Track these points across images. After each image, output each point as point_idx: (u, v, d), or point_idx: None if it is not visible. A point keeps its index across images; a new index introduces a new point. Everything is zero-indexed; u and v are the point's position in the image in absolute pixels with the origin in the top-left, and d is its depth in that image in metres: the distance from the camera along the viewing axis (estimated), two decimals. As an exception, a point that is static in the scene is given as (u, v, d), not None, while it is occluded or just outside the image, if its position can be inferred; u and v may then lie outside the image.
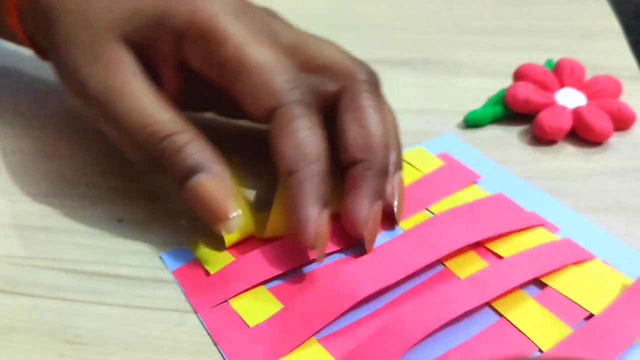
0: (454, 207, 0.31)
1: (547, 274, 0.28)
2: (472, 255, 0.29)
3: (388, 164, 0.31)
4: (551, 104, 0.39)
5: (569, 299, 0.27)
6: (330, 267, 0.29)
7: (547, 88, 0.40)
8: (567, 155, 0.38)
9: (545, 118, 0.38)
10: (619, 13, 0.52)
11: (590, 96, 0.40)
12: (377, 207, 0.30)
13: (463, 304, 0.26)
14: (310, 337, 0.26)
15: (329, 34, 0.51)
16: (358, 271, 0.28)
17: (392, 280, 0.27)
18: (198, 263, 0.30)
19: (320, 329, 0.26)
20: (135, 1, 0.31)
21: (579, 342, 0.25)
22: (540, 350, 0.25)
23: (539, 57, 0.44)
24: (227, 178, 0.29)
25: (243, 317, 0.28)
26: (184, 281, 0.29)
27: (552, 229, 0.31)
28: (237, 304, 0.28)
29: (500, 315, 0.27)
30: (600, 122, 0.38)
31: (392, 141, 0.32)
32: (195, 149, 0.29)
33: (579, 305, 0.27)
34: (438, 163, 0.35)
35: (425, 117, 0.41)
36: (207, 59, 0.30)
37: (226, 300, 0.28)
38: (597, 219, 0.33)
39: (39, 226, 0.33)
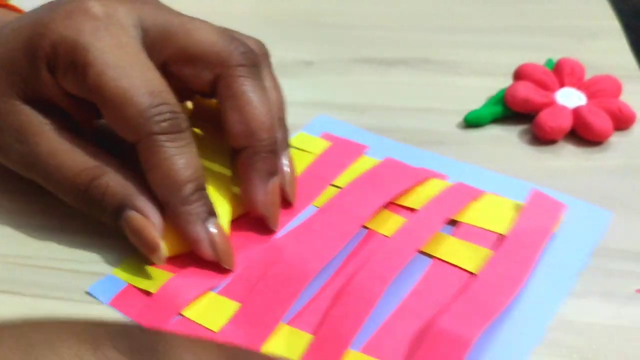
0: (357, 177, 0.34)
1: (455, 213, 0.32)
2: (386, 213, 0.33)
3: (275, 142, 0.32)
4: (551, 103, 0.39)
5: (479, 227, 0.32)
6: (267, 256, 0.30)
7: (547, 88, 0.40)
8: (567, 155, 0.38)
9: (545, 118, 0.38)
10: (619, 13, 0.53)
11: (590, 96, 0.40)
12: (272, 186, 0.32)
13: (407, 254, 0.30)
14: (279, 323, 0.27)
15: (328, 34, 0.51)
16: (300, 252, 0.29)
17: (335, 253, 0.30)
18: (133, 288, 0.29)
19: (288, 309, 0.28)
20: (11, 51, 0.31)
21: (503, 256, 0.30)
22: (473, 274, 0.29)
23: (539, 57, 0.44)
24: (149, 209, 0.30)
25: (205, 325, 0.28)
26: (126, 308, 0.29)
27: (442, 177, 0.35)
28: (192, 313, 0.28)
29: (431, 256, 0.30)
30: (600, 121, 0.38)
31: (278, 120, 0.33)
32: (117, 188, 0.30)
33: (489, 230, 0.32)
34: (325, 143, 0.38)
35: (425, 117, 0.41)
36: (79, 88, 0.30)
37: (179, 314, 0.28)
38: (598, 218, 0.33)
39: (39, 226, 0.33)
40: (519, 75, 0.42)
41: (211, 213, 0.30)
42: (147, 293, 0.29)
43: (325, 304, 0.28)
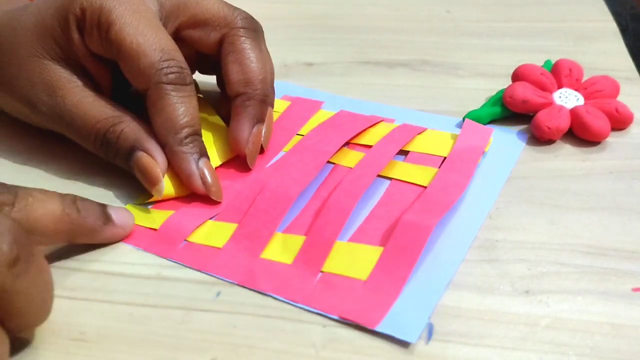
0: (318, 125, 0.40)
1: (404, 145, 0.38)
2: (347, 150, 0.38)
3: (267, 94, 0.37)
4: (549, 104, 0.40)
5: (426, 153, 0.38)
6: (253, 187, 0.35)
7: (545, 88, 0.41)
8: (565, 155, 0.38)
9: (543, 118, 0.39)
10: (616, 15, 0.53)
11: (588, 96, 0.40)
12: (257, 130, 0.37)
13: (369, 177, 0.35)
14: (275, 232, 0.32)
15: (329, 36, 0.51)
16: (281, 181, 0.35)
17: (310, 179, 0.35)
18: (137, 227, 0.33)
19: (279, 225, 0.33)
20: (44, 18, 0.36)
21: (448, 171, 0.35)
22: (424, 187, 0.35)
23: (536, 59, 0.44)
24: (155, 151, 0.34)
25: (210, 244, 0.32)
26: (137, 242, 0.33)
27: (390, 121, 0.41)
28: (196, 238, 0.33)
29: (390, 178, 0.36)
30: (597, 122, 0.38)
31: (270, 80, 0.38)
32: (130, 133, 0.34)
33: (433, 154, 0.37)
34: (286, 103, 0.43)
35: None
36: (102, 45, 0.35)
37: (185, 240, 0.33)
38: (594, 217, 0.34)
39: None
40: (518, 76, 0.42)
41: (203, 154, 0.35)
42: (152, 229, 0.33)
43: (309, 218, 0.34)
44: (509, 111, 0.41)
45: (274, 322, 0.29)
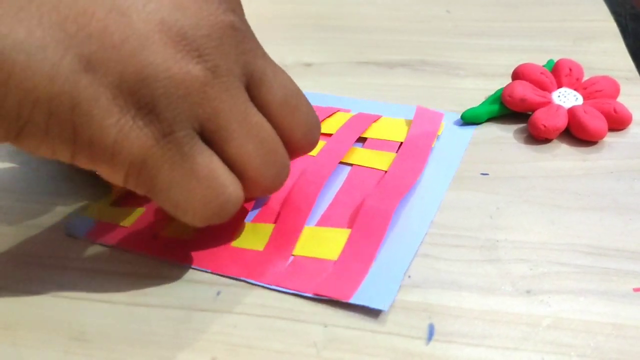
0: None
1: (362, 132, 0.40)
2: None
3: None
4: (547, 103, 0.40)
5: (383, 139, 0.39)
6: None
7: (545, 88, 0.41)
8: (563, 155, 0.38)
9: (540, 116, 0.39)
10: (615, 14, 0.53)
11: (588, 96, 0.40)
12: None
13: (331, 164, 0.37)
14: (243, 223, 0.33)
15: (328, 36, 0.51)
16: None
17: None
18: (103, 224, 0.33)
19: (247, 214, 0.34)
20: None
21: (404, 156, 0.38)
22: (385, 171, 0.37)
23: (536, 59, 0.44)
24: None
25: (180, 237, 0.32)
26: (102, 239, 0.33)
27: (346, 111, 0.42)
28: (168, 232, 0.33)
29: (351, 164, 0.38)
30: (594, 121, 0.38)
31: None
32: None
33: (390, 140, 0.39)
34: None
35: (425, 118, 0.41)
36: None
37: (157, 234, 0.33)
38: (594, 217, 0.34)
39: (45, 225, 0.33)
40: (517, 75, 0.42)
41: None
42: (122, 227, 0.33)
43: (277, 207, 0.34)
44: (508, 109, 0.41)
45: (274, 322, 0.28)
